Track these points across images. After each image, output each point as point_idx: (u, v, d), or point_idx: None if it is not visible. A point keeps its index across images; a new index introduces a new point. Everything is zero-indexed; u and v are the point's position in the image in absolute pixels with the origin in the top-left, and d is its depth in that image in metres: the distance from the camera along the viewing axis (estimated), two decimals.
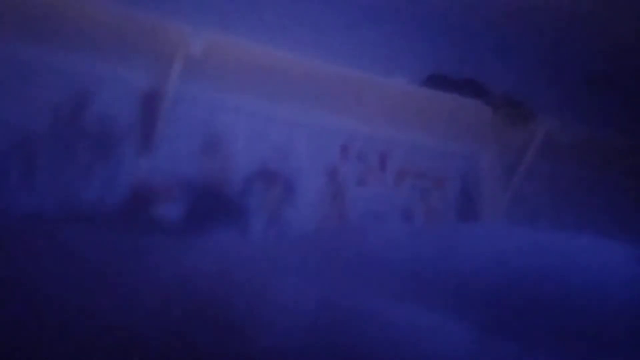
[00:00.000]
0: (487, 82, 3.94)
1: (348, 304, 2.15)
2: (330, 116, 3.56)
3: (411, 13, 3.66)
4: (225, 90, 3.29)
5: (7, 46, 2.83)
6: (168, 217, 3.14)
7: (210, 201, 3.26)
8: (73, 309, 1.97)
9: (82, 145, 3.06)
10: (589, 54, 3.97)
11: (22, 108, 2.90)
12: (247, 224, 3.34)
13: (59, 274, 2.11)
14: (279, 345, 1.91)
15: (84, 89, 3.05)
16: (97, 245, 2.40)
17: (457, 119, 3.82)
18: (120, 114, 3.11)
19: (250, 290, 2.15)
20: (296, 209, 3.45)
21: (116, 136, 3.12)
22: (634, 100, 4.10)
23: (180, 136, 3.20)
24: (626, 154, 4.26)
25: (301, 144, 3.51)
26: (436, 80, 3.85)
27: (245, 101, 3.35)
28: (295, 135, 3.49)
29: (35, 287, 2.03)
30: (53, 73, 2.96)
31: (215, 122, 3.31)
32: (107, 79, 3.06)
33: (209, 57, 3.16)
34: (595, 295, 2.42)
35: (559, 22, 3.83)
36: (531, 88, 3.94)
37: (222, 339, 1.93)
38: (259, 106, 3.38)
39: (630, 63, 4.00)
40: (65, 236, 2.47)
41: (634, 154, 4.25)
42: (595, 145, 4.16)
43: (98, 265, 2.20)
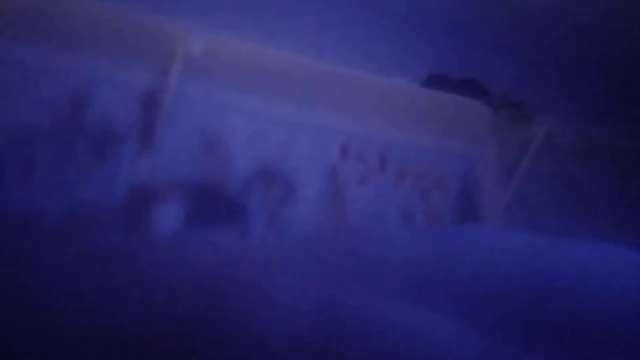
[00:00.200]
0: (487, 82, 3.94)
1: (348, 304, 2.15)
2: (330, 116, 3.56)
3: (411, 13, 3.66)
4: (225, 90, 3.29)
5: (7, 46, 2.83)
6: (168, 217, 3.14)
7: (210, 201, 3.26)
8: (73, 309, 1.97)
9: (82, 145, 3.06)
10: (589, 54, 3.97)
11: (22, 108, 2.90)
12: (247, 224, 3.33)
13: (59, 274, 2.11)
14: (278, 345, 1.91)
15: (84, 89, 3.05)
16: (97, 246, 2.39)
17: (457, 119, 3.82)
18: (120, 114, 3.11)
19: (250, 290, 2.14)
20: (296, 209, 3.44)
21: (116, 136, 3.12)
22: (634, 100, 4.10)
23: (180, 136, 3.20)
24: (626, 154, 4.25)
25: (301, 144, 3.50)
26: (436, 80, 3.85)
27: (245, 101, 3.35)
28: (295, 135, 3.49)
29: (35, 287, 2.03)
30: (53, 73, 2.95)
31: (215, 122, 3.31)
32: (107, 79, 3.06)
33: (209, 57, 3.16)
34: (597, 297, 2.41)
35: (559, 22, 3.84)
36: (531, 88, 3.94)
37: (222, 339, 1.92)
38: (259, 106, 3.38)
39: (630, 63, 4.00)
40: (65, 236, 2.47)
41: (634, 154, 4.25)
42: (595, 145, 4.16)
43: (98, 265, 2.20)
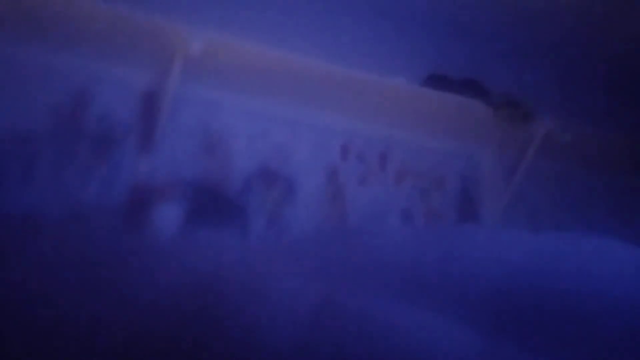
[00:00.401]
0: (487, 82, 3.94)
1: (348, 304, 2.15)
2: (330, 116, 3.56)
3: (411, 13, 3.66)
4: (225, 90, 3.30)
5: (7, 46, 2.84)
6: (168, 217, 3.14)
7: (210, 201, 3.26)
8: (73, 309, 1.97)
9: (82, 145, 3.06)
10: (589, 54, 3.97)
11: (22, 108, 2.91)
12: (247, 224, 3.34)
13: (59, 273, 2.11)
14: (278, 345, 1.92)
15: (84, 89, 3.06)
16: (97, 245, 2.40)
17: (457, 119, 3.82)
18: (120, 114, 3.12)
19: (250, 290, 2.15)
20: (296, 209, 3.45)
21: (116, 136, 3.13)
22: (634, 100, 4.10)
23: (180, 136, 3.21)
24: (627, 154, 4.25)
25: (301, 144, 3.51)
26: (436, 80, 3.84)
27: (245, 101, 3.35)
28: (296, 135, 3.49)
29: (35, 287, 2.03)
30: (53, 73, 2.96)
31: (215, 122, 3.31)
32: (107, 79, 3.07)
33: (209, 57, 3.16)
34: (598, 297, 2.41)
35: (559, 23, 3.83)
36: (531, 88, 3.94)
37: (222, 339, 1.93)
38: (259, 106, 3.38)
39: (630, 63, 4.00)
40: (65, 236, 2.47)
41: (634, 154, 4.25)
42: (596, 145, 4.16)
43: (98, 265, 2.20)
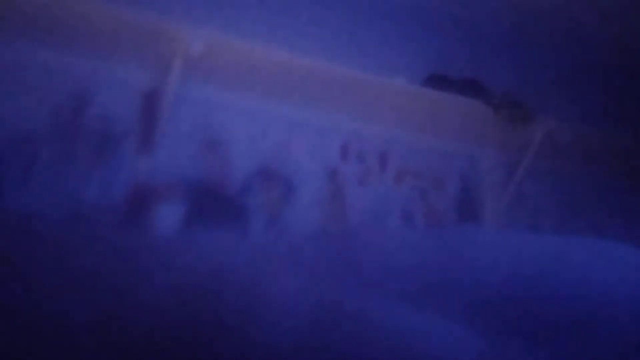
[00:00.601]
0: (487, 82, 3.94)
1: (348, 305, 2.15)
2: (330, 116, 3.56)
3: (411, 13, 3.66)
4: (225, 90, 3.30)
5: (7, 46, 2.84)
6: (168, 217, 3.14)
7: (210, 201, 3.26)
8: (73, 308, 1.97)
9: (82, 145, 3.06)
10: (589, 54, 3.97)
11: (22, 108, 2.91)
12: (247, 224, 3.34)
13: (59, 273, 2.11)
14: (277, 345, 1.92)
15: (84, 89, 3.06)
16: (97, 245, 2.40)
17: (457, 119, 3.82)
18: (120, 114, 3.12)
19: (249, 290, 2.15)
20: (296, 209, 3.45)
21: (116, 136, 3.13)
22: (634, 100, 4.10)
23: (180, 136, 3.21)
24: (627, 153, 4.25)
25: (301, 144, 3.51)
26: (436, 80, 3.85)
27: (245, 101, 3.35)
28: (295, 135, 3.49)
29: (35, 287, 2.03)
30: (53, 73, 2.96)
31: (215, 122, 3.31)
32: (107, 79, 3.07)
33: (209, 57, 3.16)
34: (599, 298, 2.41)
35: (559, 23, 3.84)
36: (531, 88, 3.94)
37: (221, 339, 1.93)
38: (259, 106, 3.38)
39: (631, 63, 4.00)
40: (65, 236, 2.47)
41: (634, 154, 4.25)
42: (596, 145, 4.15)
43: (97, 265, 2.20)
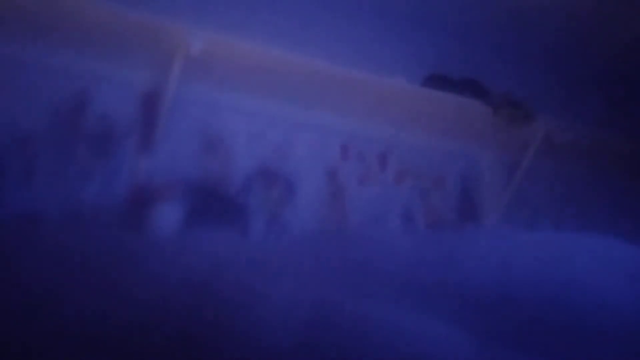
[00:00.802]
0: (487, 82, 3.94)
1: (347, 306, 2.15)
2: (330, 116, 3.56)
3: (411, 13, 3.66)
4: (225, 90, 3.29)
5: (7, 46, 2.84)
6: (168, 217, 3.14)
7: (210, 201, 3.26)
8: (73, 309, 1.97)
9: (82, 145, 3.06)
10: (589, 54, 3.97)
11: (22, 108, 2.90)
12: (247, 224, 3.33)
13: (59, 274, 2.11)
14: (276, 347, 1.91)
15: (84, 89, 3.05)
16: (97, 245, 2.40)
17: (457, 119, 3.81)
18: (120, 114, 3.12)
19: (249, 290, 2.14)
20: (296, 209, 3.45)
21: (116, 136, 3.13)
22: (634, 101, 4.10)
23: (180, 136, 3.20)
24: (627, 154, 4.25)
25: (301, 144, 3.51)
26: (436, 80, 3.84)
27: (245, 101, 3.35)
28: (295, 135, 3.49)
29: (35, 287, 2.03)
30: (53, 73, 2.96)
31: (215, 122, 3.31)
32: (107, 79, 3.07)
33: (209, 57, 3.16)
34: (598, 298, 2.41)
35: (559, 22, 3.83)
36: (531, 88, 3.94)
37: (221, 339, 1.93)
38: (259, 106, 3.38)
39: (630, 64, 4.00)
40: (65, 236, 2.47)
41: (634, 154, 4.24)
42: (595, 145, 4.15)
43: (98, 265, 2.20)
